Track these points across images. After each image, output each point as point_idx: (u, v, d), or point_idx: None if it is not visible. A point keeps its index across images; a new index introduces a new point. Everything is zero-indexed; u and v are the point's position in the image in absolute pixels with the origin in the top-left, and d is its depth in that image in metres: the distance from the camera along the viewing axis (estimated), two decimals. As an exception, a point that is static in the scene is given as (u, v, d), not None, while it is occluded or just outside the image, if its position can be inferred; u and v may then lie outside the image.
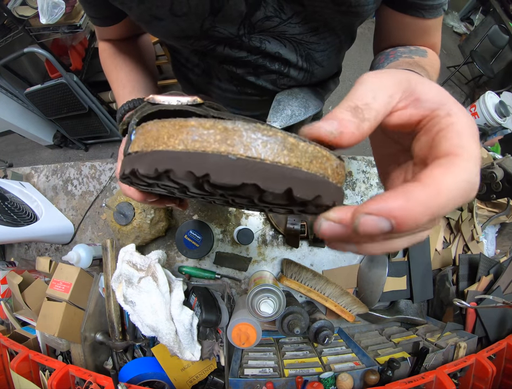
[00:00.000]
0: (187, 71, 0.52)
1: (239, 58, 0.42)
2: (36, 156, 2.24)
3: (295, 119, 0.48)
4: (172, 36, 0.39)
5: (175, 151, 0.13)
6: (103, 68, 0.49)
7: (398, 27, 0.41)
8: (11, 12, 1.33)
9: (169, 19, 0.35)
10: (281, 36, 0.39)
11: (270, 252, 0.71)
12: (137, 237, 0.66)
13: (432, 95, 0.15)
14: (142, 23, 0.38)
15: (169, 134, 0.13)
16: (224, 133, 0.13)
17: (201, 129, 0.13)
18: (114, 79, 0.45)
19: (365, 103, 0.15)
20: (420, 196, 0.11)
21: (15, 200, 0.71)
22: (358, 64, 2.39)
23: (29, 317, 0.64)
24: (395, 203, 0.11)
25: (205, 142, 0.13)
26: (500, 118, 1.99)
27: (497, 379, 0.55)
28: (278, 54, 0.41)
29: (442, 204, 0.12)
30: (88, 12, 0.42)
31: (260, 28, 0.37)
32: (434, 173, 0.12)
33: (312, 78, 0.48)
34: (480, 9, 2.73)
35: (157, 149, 0.14)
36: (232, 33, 0.38)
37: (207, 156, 0.13)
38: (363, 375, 0.53)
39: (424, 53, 0.39)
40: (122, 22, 0.44)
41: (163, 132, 0.14)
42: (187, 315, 0.55)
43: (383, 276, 0.64)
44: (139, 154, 0.15)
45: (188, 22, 0.36)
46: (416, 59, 0.37)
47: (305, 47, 0.41)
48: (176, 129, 0.13)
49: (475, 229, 0.71)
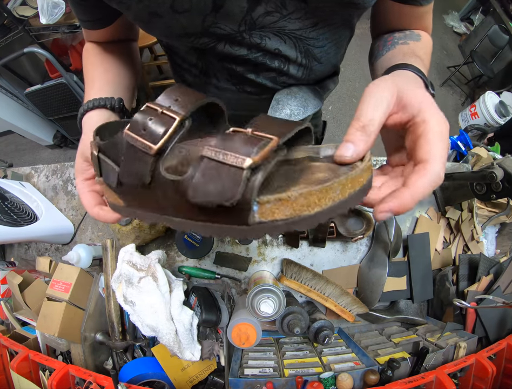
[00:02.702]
0: (183, 72, 0.51)
1: (239, 56, 0.42)
2: (36, 156, 2.24)
3: (294, 119, 0.48)
4: (171, 34, 0.38)
5: (326, 207, 0.17)
6: (83, 67, 0.48)
7: (396, 15, 0.43)
8: (11, 12, 1.33)
9: (169, 16, 0.35)
10: (281, 32, 0.39)
11: (270, 252, 0.71)
12: (138, 237, 0.66)
13: (414, 102, 0.22)
14: (140, 22, 0.38)
15: (319, 197, 0.17)
16: (341, 185, 0.17)
17: (338, 185, 0.17)
18: (89, 76, 0.45)
19: (370, 119, 0.21)
20: (407, 196, 0.20)
21: (15, 200, 0.71)
22: (358, 64, 2.39)
23: (29, 317, 0.65)
24: (394, 205, 0.20)
25: (340, 194, 0.17)
26: (500, 118, 1.99)
27: (497, 379, 0.55)
28: (278, 51, 0.41)
29: (419, 196, 0.20)
30: (79, 15, 0.42)
31: (261, 24, 0.37)
32: (413, 178, 0.20)
33: (311, 75, 0.48)
34: (480, 9, 2.74)
35: (312, 212, 0.17)
36: (233, 29, 0.37)
37: (345, 203, 0.17)
38: (363, 375, 0.53)
39: (418, 37, 0.42)
40: (112, 26, 0.44)
41: (313, 198, 0.16)
42: (187, 315, 0.55)
43: (383, 276, 0.64)
44: (291, 221, 0.17)
45: (190, 19, 0.35)
46: (411, 45, 0.40)
47: (304, 43, 0.41)
48: (324, 192, 0.17)
49: (475, 229, 0.71)
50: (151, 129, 0.20)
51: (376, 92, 0.22)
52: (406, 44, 0.40)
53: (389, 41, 0.43)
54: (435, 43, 2.47)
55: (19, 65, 1.83)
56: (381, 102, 0.21)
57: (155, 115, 0.20)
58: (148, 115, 0.20)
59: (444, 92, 2.50)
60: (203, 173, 0.17)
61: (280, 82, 0.47)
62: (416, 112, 0.22)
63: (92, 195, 0.33)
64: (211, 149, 0.17)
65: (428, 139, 0.21)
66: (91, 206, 0.32)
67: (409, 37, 0.42)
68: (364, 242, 0.72)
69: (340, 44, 0.46)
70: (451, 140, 1.11)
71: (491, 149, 1.01)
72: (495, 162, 0.56)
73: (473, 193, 0.61)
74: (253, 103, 0.52)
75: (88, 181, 0.35)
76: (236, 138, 0.18)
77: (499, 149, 1.33)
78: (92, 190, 0.34)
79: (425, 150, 0.20)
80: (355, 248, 0.72)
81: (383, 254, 0.67)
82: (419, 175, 0.20)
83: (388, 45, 0.42)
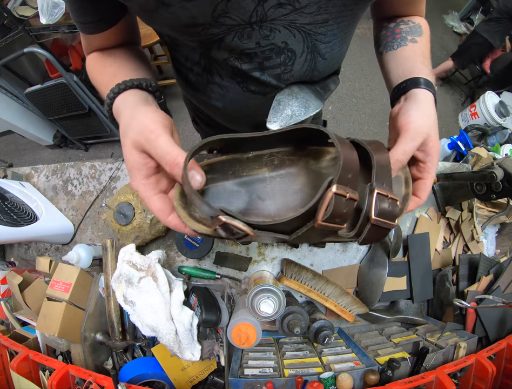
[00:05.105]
0: (186, 71, 0.51)
1: (247, 49, 0.41)
2: (36, 156, 2.24)
3: (295, 119, 0.48)
4: (179, 24, 0.37)
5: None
6: (91, 77, 0.45)
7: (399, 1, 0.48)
8: (11, 12, 1.33)
9: (178, 5, 0.33)
10: (291, 25, 0.39)
11: (270, 252, 0.71)
12: (137, 237, 0.66)
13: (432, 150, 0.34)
14: (146, 12, 0.36)
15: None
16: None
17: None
18: (104, 76, 0.42)
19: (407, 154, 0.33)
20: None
21: (15, 200, 0.71)
22: (358, 64, 2.39)
23: (29, 317, 0.65)
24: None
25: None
26: (500, 118, 1.99)
27: (497, 379, 0.55)
28: (285, 45, 0.41)
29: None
30: (79, 17, 0.40)
31: (272, 16, 0.37)
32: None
33: (314, 72, 0.48)
34: (480, 9, 2.73)
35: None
36: (244, 20, 0.37)
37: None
38: (363, 375, 0.53)
39: (420, 30, 0.46)
40: (115, 27, 0.42)
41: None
42: (187, 315, 0.55)
43: (383, 276, 0.64)
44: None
45: (200, 7, 0.34)
46: (419, 44, 0.45)
47: (312, 38, 0.42)
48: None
49: (475, 229, 0.71)
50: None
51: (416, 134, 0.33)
52: (415, 42, 0.45)
53: (398, 34, 0.46)
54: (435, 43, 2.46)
55: (19, 65, 1.83)
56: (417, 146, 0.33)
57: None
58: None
59: (444, 92, 2.50)
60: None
61: (283, 79, 0.47)
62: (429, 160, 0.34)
63: (162, 199, 0.29)
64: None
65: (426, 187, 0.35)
66: (165, 214, 0.28)
67: (415, 31, 0.46)
68: (364, 242, 0.72)
69: (344, 40, 0.47)
70: (451, 140, 1.11)
71: (491, 149, 1.01)
72: (495, 162, 0.56)
73: (473, 193, 0.61)
74: (256, 103, 0.51)
75: (151, 180, 0.29)
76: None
77: (499, 149, 1.32)
78: (160, 191, 0.29)
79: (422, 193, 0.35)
80: (355, 248, 0.72)
81: (383, 254, 0.67)
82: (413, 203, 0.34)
83: (397, 39, 0.46)
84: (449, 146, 1.17)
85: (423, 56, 0.43)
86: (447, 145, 1.18)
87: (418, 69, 0.40)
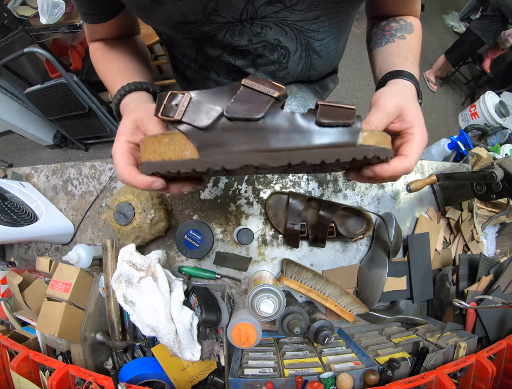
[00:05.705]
0: (184, 68, 0.51)
1: (239, 46, 0.41)
2: (36, 156, 2.24)
3: (295, 119, 0.48)
4: (173, 22, 0.38)
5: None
6: (95, 66, 0.47)
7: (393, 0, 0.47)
8: (11, 12, 1.33)
9: (171, 3, 0.34)
10: (283, 22, 0.39)
11: (270, 252, 0.71)
12: (137, 237, 0.66)
13: (409, 117, 0.32)
14: (141, 10, 0.37)
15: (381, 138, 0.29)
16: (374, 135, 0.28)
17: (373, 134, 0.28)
18: (109, 71, 0.43)
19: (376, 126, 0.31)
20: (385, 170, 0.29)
21: (15, 200, 0.71)
22: (358, 64, 2.39)
23: (29, 317, 0.65)
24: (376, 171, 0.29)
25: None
26: (500, 118, 1.99)
27: (497, 379, 0.55)
28: (278, 42, 0.41)
29: (393, 174, 0.29)
30: (83, 8, 0.41)
31: (262, 13, 0.37)
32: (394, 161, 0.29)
33: (311, 70, 0.48)
34: (480, 9, 2.73)
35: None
36: (234, 17, 0.37)
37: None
38: (363, 375, 0.53)
39: (411, 28, 0.46)
40: (117, 18, 0.43)
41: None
42: (187, 315, 0.55)
43: (383, 276, 0.64)
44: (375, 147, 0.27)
45: (191, 5, 0.35)
46: (408, 41, 0.44)
47: (305, 35, 0.42)
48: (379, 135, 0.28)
49: (475, 229, 0.71)
50: (269, 84, 0.25)
51: (385, 106, 0.31)
52: (403, 39, 0.44)
53: (387, 31, 0.45)
54: (435, 43, 2.46)
55: (19, 65, 1.83)
56: (386, 116, 0.31)
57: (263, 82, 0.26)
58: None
59: (444, 92, 2.50)
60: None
61: (279, 77, 0.47)
62: (409, 126, 0.31)
63: (129, 155, 0.31)
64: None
65: (411, 145, 0.31)
66: (122, 164, 0.30)
67: (404, 29, 0.45)
68: (364, 242, 0.72)
69: (339, 38, 0.47)
70: (452, 140, 1.11)
71: (491, 149, 1.01)
72: (495, 162, 0.56)
73: (473, 193, 0.61)
74: None
75: (130, 145, 0.32)
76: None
77: (499, 150, 1.33)
78: (132, 154, 0.31)
79: (408, 150, 0.30)
80: (355, 248, 0.72)
81: (383, 254, 0.67)
82: (399, 160, 0.29)
83: (386, 36, 0.45)
84: (449, 146, 1.17)
85: (409, 51, 0.42)
86: (447, 145, 1.18)
87: (400, 64, 0.39)
